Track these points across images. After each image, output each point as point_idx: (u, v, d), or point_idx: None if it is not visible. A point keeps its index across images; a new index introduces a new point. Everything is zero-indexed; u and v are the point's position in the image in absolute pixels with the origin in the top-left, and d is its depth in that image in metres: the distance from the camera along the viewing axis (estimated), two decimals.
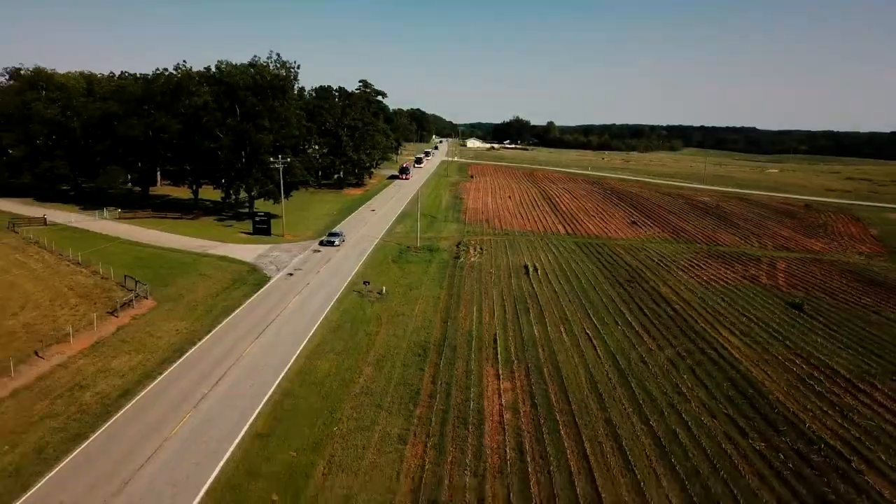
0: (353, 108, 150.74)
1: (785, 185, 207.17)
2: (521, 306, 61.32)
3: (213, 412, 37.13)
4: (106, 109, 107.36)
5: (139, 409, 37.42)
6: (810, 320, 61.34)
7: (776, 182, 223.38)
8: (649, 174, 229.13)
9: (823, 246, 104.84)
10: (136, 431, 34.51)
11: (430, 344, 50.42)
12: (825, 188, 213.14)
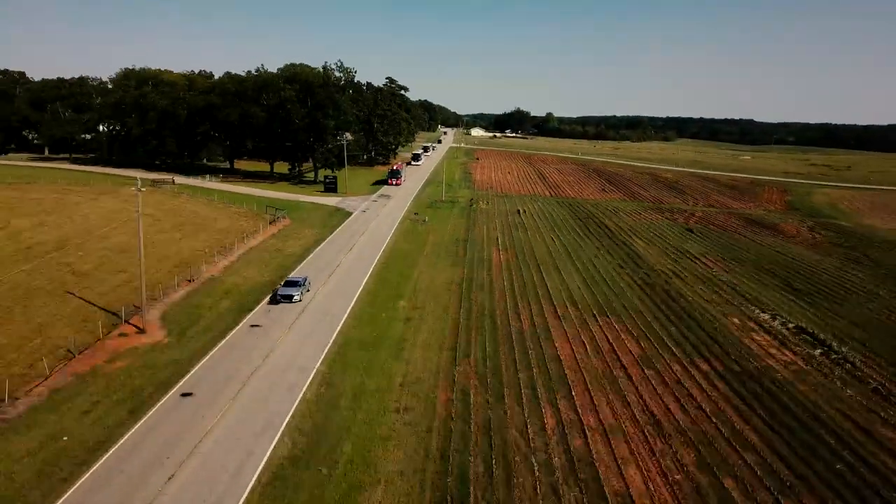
0: (384, 101, 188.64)
1: (748, 169, 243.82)
2: (512, 227, 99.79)
3: (351, 264, 74.81)
4: (208, 101, 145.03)
5: (314, 259, 74.91)
6: (693, 236, 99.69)
7: (743, 166, 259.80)
8: (632, 159, 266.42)
9: (741, 205, 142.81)
10: (319, 267, 71.88)
11: (460, 240, 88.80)
12: (783, 171, 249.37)
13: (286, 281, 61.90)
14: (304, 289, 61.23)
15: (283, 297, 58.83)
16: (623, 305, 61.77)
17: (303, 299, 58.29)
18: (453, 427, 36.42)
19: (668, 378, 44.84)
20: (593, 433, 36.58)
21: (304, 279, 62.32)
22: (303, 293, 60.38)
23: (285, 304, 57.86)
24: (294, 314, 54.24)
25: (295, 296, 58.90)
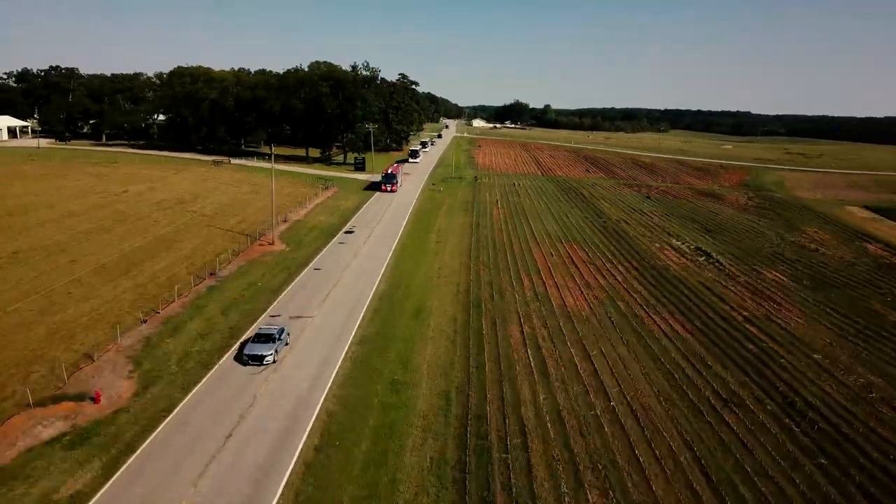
0: (398, 94, 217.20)
1: (724, 156, 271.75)
2: (509, 194, 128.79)
3: (392, 214, 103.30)
4: (256, 94, 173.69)
5: (364, 212, 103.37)
6: (649, 201, 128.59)
7: (721, 154, 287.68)
8: (619, 147, 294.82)
9: (702, 183, 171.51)
10: (369, 216, 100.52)
11: (468, 202, 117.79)
12: (756, 158, 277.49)
13: (256, 334, 45.92)
14: (282, 343, 45.61)
15: (250, 357, 43.16)
16: (583, 237, 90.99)
17: (278, 359, 44.04)
18: (471, 283, 65.54)
19: (601, 268, 74.07)
20: (550, 287, 65.75)
21: (279, 330, 46.32)
22: (278, 350, 44.47)
23: (265, 353, 43.37)
24: (361, 241, 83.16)
25: (267, 355, 42.97)
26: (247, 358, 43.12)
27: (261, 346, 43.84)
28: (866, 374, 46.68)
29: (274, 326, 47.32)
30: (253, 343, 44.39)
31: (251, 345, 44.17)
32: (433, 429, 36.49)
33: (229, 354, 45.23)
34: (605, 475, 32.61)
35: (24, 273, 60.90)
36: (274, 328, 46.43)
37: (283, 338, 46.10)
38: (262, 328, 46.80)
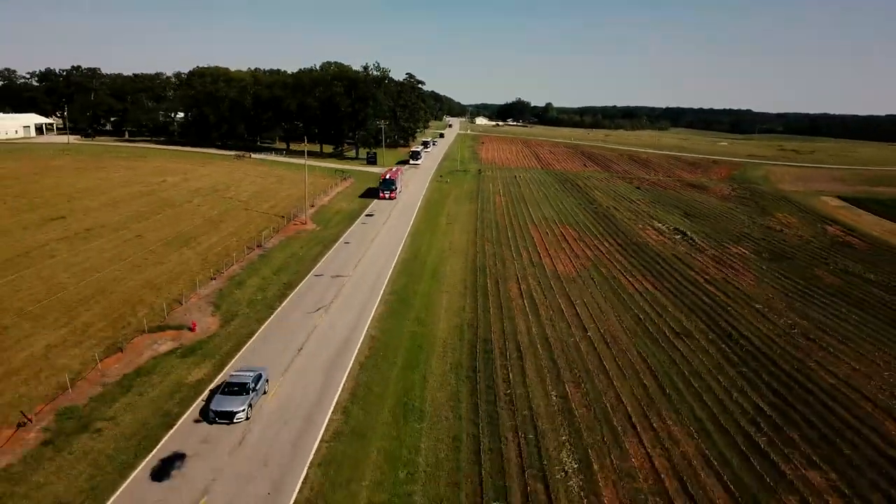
0: (405, 93, 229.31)
1: (718, 152, 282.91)
2: (510, 185, 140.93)
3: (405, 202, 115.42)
4: (273, 93, 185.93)
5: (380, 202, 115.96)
6: (639, 191, 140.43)
7: (716, 150, 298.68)
8: (617, 144, 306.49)
9: (691, 176, 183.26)
10: (383, 206, 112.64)
11: (473, 192, 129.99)
12: (748, 154, 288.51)
13: (226, 383, 37.55)
14: (258, 394, 37.50)
15: (217, 414, 35.36)
16: (575, 220, 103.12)
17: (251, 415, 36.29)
18: (477, 254, 77.63)
19: (589, 244, 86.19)
20: (544, 257, 77.85)
21: (255, 377, 37.85)
22: (252, 403, 36.62)
23: (235, 409, 35.56)
24: (381, 222, 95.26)
25: (238, 412, 35.37)
26: (213, 415, 35.01)
27: (231, 399, 35.72)
28: (794, 318, 58.76)
29: (249, 371, 38.17)
30: (222, 395, 36.11)
31: (219, 397, 36.09)
32: (451, 346, 48.71)
33: (286, 302, 57.53)
34: (579, 376, 44.79)
35: (102, 245, 73.29)
36: (248, 374, 37.64)
37: (261, 387, 37.49)
38: (233, 374, 38.18)
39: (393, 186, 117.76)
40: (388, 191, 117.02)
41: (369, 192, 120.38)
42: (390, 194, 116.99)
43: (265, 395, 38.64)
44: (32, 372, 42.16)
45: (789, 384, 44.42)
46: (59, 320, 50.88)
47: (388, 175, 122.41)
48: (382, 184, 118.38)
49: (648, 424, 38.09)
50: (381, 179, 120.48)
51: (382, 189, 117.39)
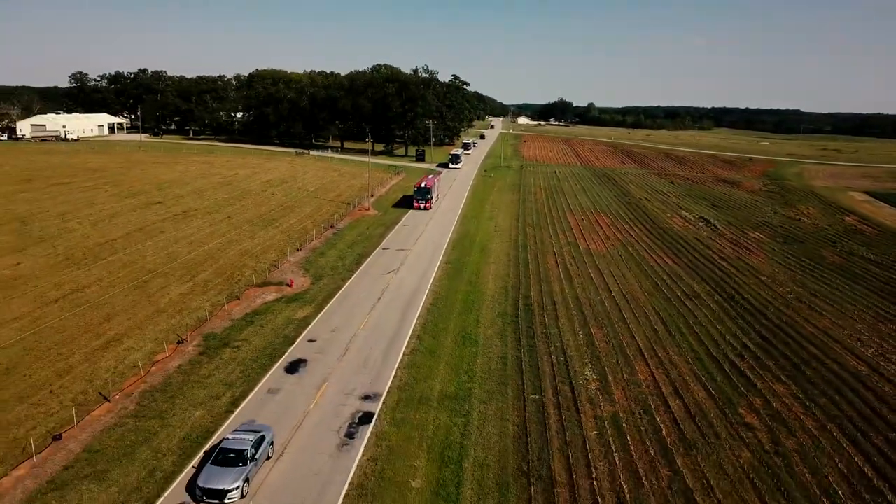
0: (451, 94, 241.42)
1: (757, 151, 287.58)
2: (550, 179, 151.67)
3: (454, 193, 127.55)
4: (329, 94, 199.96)
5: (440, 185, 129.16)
6: (672, 186, 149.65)
7: (755, 149, 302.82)
8: (657, 143, 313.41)
9: (725, 173, 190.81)
10: (443, 184, 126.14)
11: (516, 185, 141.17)
12: (788, 153, 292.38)
13: (220, 449, 30.81)
14: (257, 464, 30.61)
15: (204, 492, 28.60)
16: (609, 209, 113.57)
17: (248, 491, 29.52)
18: (519, 235, 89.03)
19: (619, 228, 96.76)
20: (578, 238, 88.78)
21: (257, 439, 31.17)
22: (250, 478, 29.80)
23: (227, 487, 28.70)
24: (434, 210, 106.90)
25: (231, 490, 28.36)
26: (200, 492, 28.66)
27: (222, 473, 29.07)
28: (793, 287, 68.65)
29: (249, 434, 31.44)
30: (212, 466, 29.67)
31: (209, 468, 29.62)
32: (497, 300, 60.37)
33: (362, 267, 70.09)
34: (602, 322, 55.97)
35: (200, 224, 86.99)
36: (248, 437, 31.00)
37: (262, 453, 31.02)
38: (229, 437, 31.56)
39: (428, 195, 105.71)
40: (423, 200, 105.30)
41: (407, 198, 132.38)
42: (425, 204, 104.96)
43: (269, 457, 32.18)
44: (176, 310, 55.34)
45: (775, 331, 54.81)
46: (184, 277, 64.28)
47: (423, 182, 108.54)
48: (417, 192, 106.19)
49: (654, 354, 49.12)
50: (416, 187, 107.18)
51: (417, 198, 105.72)
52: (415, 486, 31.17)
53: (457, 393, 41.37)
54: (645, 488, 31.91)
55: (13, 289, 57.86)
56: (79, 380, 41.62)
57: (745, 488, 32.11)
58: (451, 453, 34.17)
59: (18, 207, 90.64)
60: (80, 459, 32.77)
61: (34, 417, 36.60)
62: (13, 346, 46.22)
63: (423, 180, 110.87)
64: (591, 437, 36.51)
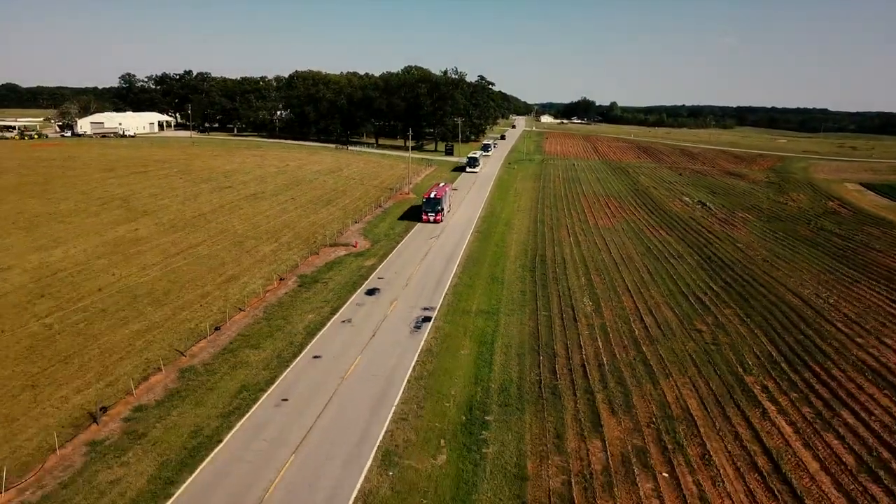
0: (477, 93, 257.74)
1: (773, 148, 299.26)
2: (569, 170, 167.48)
3: (481, 182, 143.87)
4: (366, 94, 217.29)
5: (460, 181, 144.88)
6: (680, 177, 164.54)
7: (772, 146, 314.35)
8: (674, 140, 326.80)
9: (733, 167, 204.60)
10: (463, 184, 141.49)
11: (537, 175, 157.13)
12: (803, 150, 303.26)
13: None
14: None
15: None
16: (618, 195, 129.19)
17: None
18: (538, 213, 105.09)
19: (626, 210, 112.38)
20: (588, 217, 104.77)
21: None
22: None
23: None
24: (464, 194, 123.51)
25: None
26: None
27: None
28: (762, 251, 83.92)
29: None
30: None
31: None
32: (519, 258, 76.70)
33: (409, 235, 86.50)
34: (601, 271, 71.99)
35: (270, 204, 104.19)
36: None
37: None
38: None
39: (439, 207, 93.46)
40: (432, 213, 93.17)
41: (451, 175, 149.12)
42: (435, 217, 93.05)
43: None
44: (271, 260, 72.52)
45: (736, 279, 70.52)
46: (270, 240, 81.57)
47: (433, 193, 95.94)
48: (426, 204, 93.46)
49: (638, 291, 65.10)
50: (425, 198, 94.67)
51: (426, 210, 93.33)
52: (463, 353, 47.71)
53: (488, 309, 57.88)
54: (617, 359, 48.08)
55: (142, 246, 75.52)
56: (217, 300, 58.84)
57: (686, 362, 48.09)
58: (486, 338, 50.69)
59: (115, 190, 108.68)
60: (237, 339, 49.76)
61: (195, 319, 53.73)
62: (161, 279, 63.68)
63: (433, 189, 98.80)
64: (583, 334, 52.73)
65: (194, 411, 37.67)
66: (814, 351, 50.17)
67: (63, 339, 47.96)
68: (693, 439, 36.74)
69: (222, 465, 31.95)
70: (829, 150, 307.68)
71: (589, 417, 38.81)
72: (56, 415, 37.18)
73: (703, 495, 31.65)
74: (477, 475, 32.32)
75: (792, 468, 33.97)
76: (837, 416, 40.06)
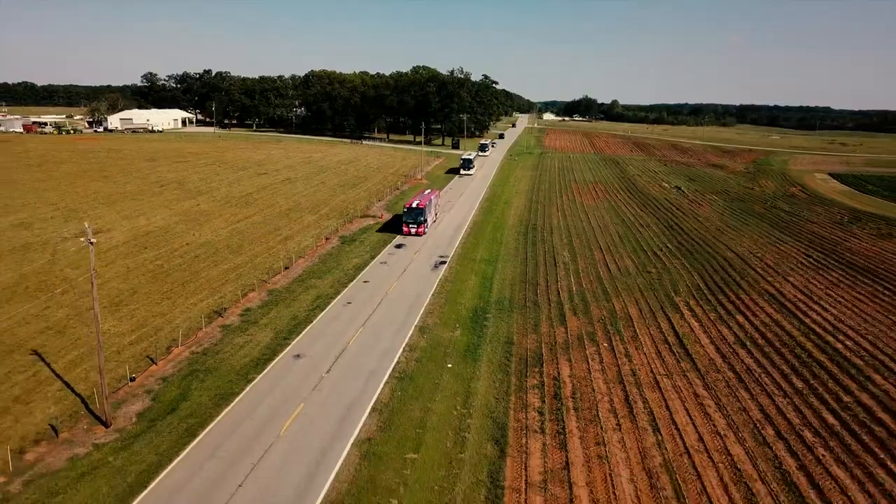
0: (482, 91, 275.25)
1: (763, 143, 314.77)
2: (564, 162, 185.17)
3: (485, 171, 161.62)
4: (379, 92, 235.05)
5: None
6: (666, 167, 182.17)
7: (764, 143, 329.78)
8: (669, 136, 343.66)
9: (718, 160, 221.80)
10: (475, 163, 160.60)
11: (535, 165, 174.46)
12: (792, 146, 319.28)
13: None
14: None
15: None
16: (605, 181, 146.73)
17: None
18: (534, 195, 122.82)
19: (610, 193, 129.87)
20: (577, 198, 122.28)
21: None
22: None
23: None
24: (469, 180, 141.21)
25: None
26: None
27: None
28: (718, 223, 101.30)
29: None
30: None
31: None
32: (515, 226, 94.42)
33: None
34: (580, 235, 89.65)
35: (304, 186, 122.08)
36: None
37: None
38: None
39: (422, 218, 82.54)
40: (414, 225, 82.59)
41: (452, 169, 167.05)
42: (417, 229, 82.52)
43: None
44: (315, 226, 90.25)
45: (690, 241, 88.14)
46: (311, 212, 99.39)
47: (415, 202, 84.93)
48: (407, 214, 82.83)
49: (608, 249, 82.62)
50: (406, 208, 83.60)
51: (407, 221, 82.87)
52: (470, 282, 65.39)
53: (489, 258, 75.68)
54: (583, 288, 65.72)
55: (207, 217, 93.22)
56: (280, 251, 76.54)
57: (634, 289, 65.49)
58: (487, 275, 68.43)
59: (168, 175, 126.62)
60: (304, 274, 67.39)
61: (267, 262, 71.09)
62: (232, 238, 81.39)
63: (416, 198, 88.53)
64: (560, 274, 70.45)
65: (288, 310, 55.51)
66: (731, 284, 67.79)
67: (176, 273, 65.87)
68: (628, 328, 54.43)
69: (317, 333, 49.66)
70: (817, 146, 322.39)
71: (557, 317, 56.52)
72: (192, 312, 54.91)
73: (628, 353, 49.25)
74: (480, 340, 50.07)
75: (690, 342, 51.56)
76: (733, 318, 57.69)
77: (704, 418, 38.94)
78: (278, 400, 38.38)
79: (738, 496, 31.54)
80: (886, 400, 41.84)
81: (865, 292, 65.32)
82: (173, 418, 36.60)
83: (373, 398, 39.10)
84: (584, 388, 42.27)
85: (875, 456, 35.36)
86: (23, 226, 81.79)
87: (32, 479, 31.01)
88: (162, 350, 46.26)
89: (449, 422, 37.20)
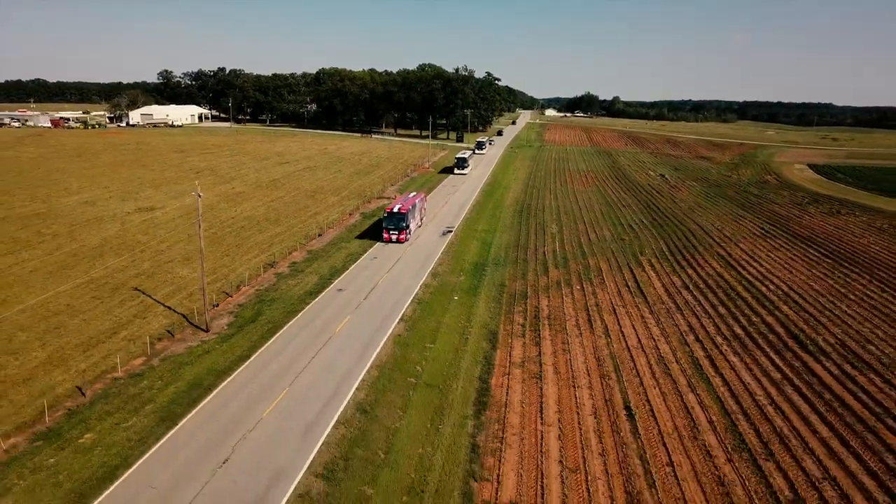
0: (485, 88, 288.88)
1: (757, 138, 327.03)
2: (561, 153, 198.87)
3: (487, 161, 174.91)
4: (387, 89, 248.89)
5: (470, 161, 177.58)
6: (654, 158, 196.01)
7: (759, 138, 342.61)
8: (666, 131, 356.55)
9: (708, 153, 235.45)
10: (473, 162, 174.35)
11: (534, 157, 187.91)
12: (785, 140, 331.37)
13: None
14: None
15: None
16: (597, 170, 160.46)
17: None
18: (531, 181, 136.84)
19: (599, 180, 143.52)
20: (569, 184, 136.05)
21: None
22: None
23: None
24: (473, 168, 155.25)
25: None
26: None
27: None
28: (692, 204, 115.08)
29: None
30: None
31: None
32: (512, 206, 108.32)
33: (433, 192, 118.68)
34: (568, 213, 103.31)
35: (324, 174, 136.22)
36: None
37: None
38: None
39: (403, 224, 76.00)
40: (395, 230, 76.13)
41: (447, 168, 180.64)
42: (399, 235, 76.02)
43: None
44: (338, 205, 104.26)
45: (663, 217, 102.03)
46: (334, 194, 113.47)
47: (395, 206, 77.64)
48: (387, 220, 76.36)
49: (591, 224, 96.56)
50: (387, 212, 77.11)
51: (387, 227, 76.31)
52: (473, 246, 79.47)
53: (489, 229, 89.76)
54: (565, 250, 79.75)
55: (243, 197, 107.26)
56: (311, 223, 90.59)
57: (607, 251, 79.32)
58: (487, 241, 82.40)
59: (200, 164, 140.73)
60: (335, 239, 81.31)
61: (302, 231, 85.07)
62: (269, 213, 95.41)
63: (397, 202, 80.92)
64: (547, 241, 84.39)
65: (326, 262, 69.59)
66: (690, 248, 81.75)
67: (229, 238, 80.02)
68: (598, 277, 68.45)
69: (352, 277, 63.63)
70: (809, 141, 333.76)
71: (542, 269, 70.56)
72: (249, 265, 68.95)
73: (595, 293, 63.23)
74: (480, 283, 64.10)
75: (646, 287, 65.52)
76: (684, 270, 71.68)
77: (645, 329, 52.96)
78: (331, 314, 52.54)
79: (659, 371, 45.51)
80: (786, 321, 55.77)
81: (799, 254, 79.14)
82: (255, 326, 50.70)
83: (400, 313, 53.23)
84: (557, 313, 56.31)
85: (763, 351, 49.30)
86: (88, 203, 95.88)
87: (165, 359, 45.04)
88: (233, 288, 60.36)
89: (456, 328, 51.31)
